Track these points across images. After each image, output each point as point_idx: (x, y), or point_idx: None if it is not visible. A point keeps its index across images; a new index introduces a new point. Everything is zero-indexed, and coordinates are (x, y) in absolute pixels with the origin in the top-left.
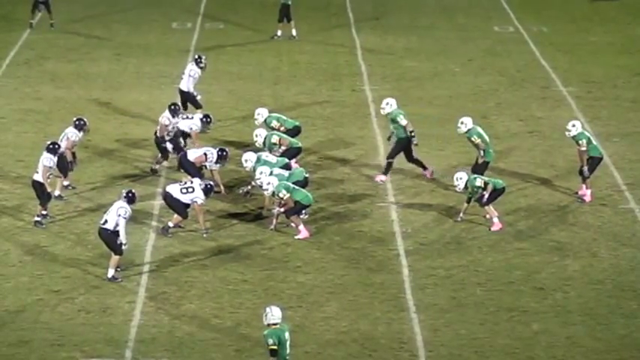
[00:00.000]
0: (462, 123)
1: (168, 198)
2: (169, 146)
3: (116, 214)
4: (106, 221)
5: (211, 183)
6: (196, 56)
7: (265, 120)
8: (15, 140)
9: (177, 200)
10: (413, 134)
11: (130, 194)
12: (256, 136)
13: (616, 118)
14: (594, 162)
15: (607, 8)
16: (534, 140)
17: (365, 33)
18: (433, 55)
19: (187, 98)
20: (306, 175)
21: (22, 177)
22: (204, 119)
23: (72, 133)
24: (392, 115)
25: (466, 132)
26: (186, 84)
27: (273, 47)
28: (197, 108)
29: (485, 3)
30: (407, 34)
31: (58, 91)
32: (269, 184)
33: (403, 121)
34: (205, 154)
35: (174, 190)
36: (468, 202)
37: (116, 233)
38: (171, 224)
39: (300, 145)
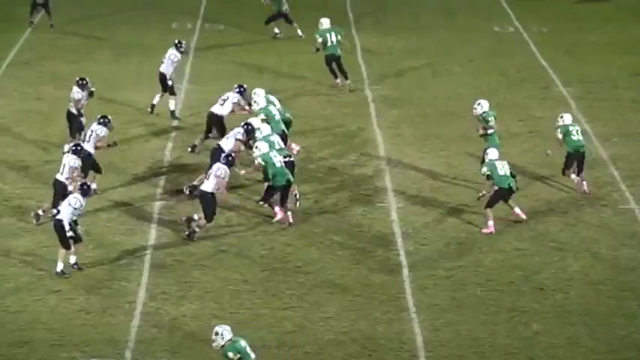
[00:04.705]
0: (478, 104)
1: (203, 197)
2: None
3: (67, 204)
4: (58, 212)
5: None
6: (176, 41)
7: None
8: (15, 140)
9: (212, 199)
10: None
11: (86, 186)
12: (254, 94)
13: (616, 118)
14: (569, 157)
15: (607, 9)
16: (534, 140)
17: (365, 33)
18: (433, 55)
19: (164, 81)
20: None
21: (22, 177)
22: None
23: (101, 130)
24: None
25: (482, 113)
26: (166, 67)
27: (273, 47)
28: (171, 93)
29: (485, 3)
30: (407, 34)
31: (58, 92)
32: (257, 147)
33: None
34: (237, 140)
35: (204, 186)
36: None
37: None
38: (193, 228)
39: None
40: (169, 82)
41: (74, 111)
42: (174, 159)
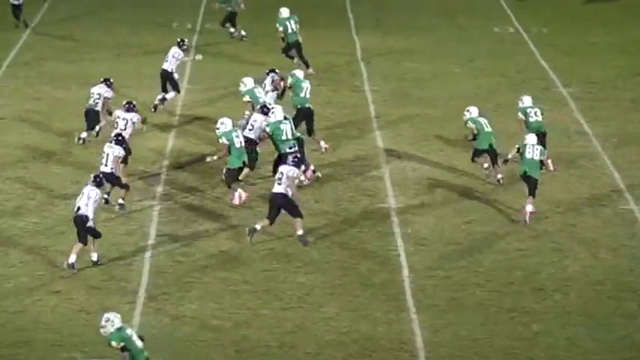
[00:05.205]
0: (467, 110)
1: (277, 198)
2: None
3: (87, 198)
4: (79, 208)
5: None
6: (179, 39)
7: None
8: (15, 141)
9: (291, 200)
10: None
11: (98, 179)
12: (242, 83)
13: (616, 119)
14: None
15: (607, 9)
16: None
17: (365, 33)
18: (433, 55)
19: (169, 79)
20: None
21: (22, 178)
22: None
23: (133, 116)
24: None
25: (467, 120)
26: (170, 65)
27: (273, 47)
28: (177, 91)
29: (485, 4)
30: (407, 34)
31: (58, 92)
32: (222, 123)
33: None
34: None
35: (279, 188)
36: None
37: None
38: (300, 232)
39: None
40: (175, 76)
41: (98, 108)
42: (174, 159)
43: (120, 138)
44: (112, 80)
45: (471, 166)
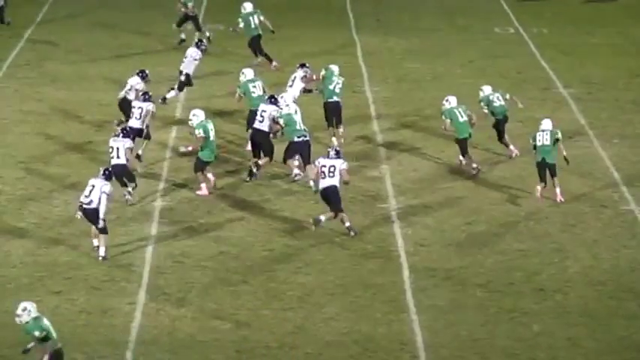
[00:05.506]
0: (446, 100)
1: (331, 191)
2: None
3: (100, 192)
4: (91, 201)
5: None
6: (197, 40)
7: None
8: (16, 142)
9: (338, 192)
10: None
11: (107, 172)
12: (242, 73)
13: (616, 120)
14: (497, 124)
15: (607, 9)
16: None
17: (365, 34)
18: (434, 56)
19: (189, 80)
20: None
21: (22, 178)
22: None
23: (149, 105)
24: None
25: (443, 112)
26: (187, 65)
27: (273, 49)
28: (181, 88)
29: (485, 4)
30: (407, 35)
31: (59, 93)
32: (195, 115)
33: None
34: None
35: (332, 181)
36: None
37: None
38: (347, 223)
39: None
40: (182, 78)
41: (131, 97)
42: (174, 160)
43: (126, 130)
44: (147, 72)
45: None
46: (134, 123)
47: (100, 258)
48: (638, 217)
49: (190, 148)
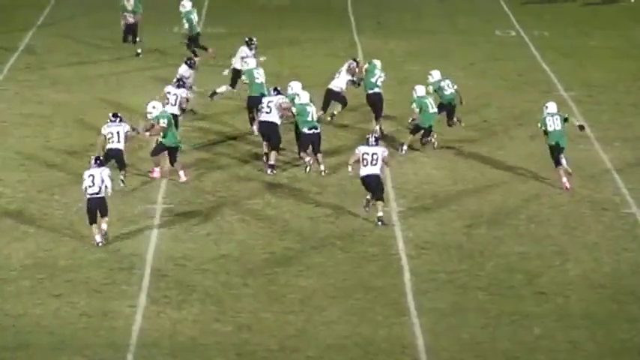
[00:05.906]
0: (413, 89)
1: (373, 179)
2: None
3: (101, 179)
4: (99, 189)
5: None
6: (247, 38)
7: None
8: (16, 144)
9: (381, 180)
10: None
11: (99, 159)
12: (245, 63)
13: (617, 123)
14: (442, 107)
15: (608, 12)
16: (535, 144)
17: (367, 36)
18: (435, 58)
19: (237, 76)
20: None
21: (23, 181)
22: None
23: (183, 91)
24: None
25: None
26: (237, 63)
27: (274, 51)
28: (232, 87)
29: (486, 7)
30: (409, 37)
31: (59, 95)
32: (154, 107)
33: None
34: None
35: (374, 169)
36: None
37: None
38: (380, 213)
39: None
40: (229, 73)
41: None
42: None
43: (117, 116)
44: (194, 60)
45: (473, 169)
46: (170, 109)
47: (102, 241)
48: (639, 220)
49: (148, 134)
